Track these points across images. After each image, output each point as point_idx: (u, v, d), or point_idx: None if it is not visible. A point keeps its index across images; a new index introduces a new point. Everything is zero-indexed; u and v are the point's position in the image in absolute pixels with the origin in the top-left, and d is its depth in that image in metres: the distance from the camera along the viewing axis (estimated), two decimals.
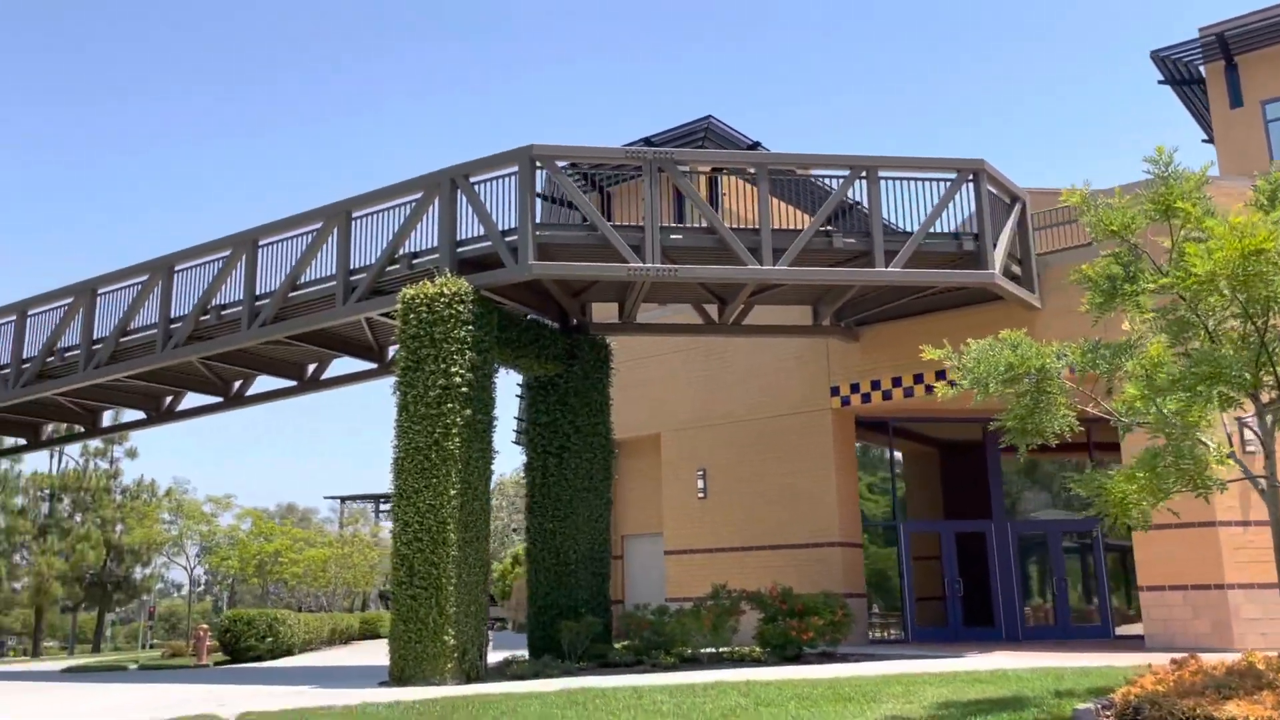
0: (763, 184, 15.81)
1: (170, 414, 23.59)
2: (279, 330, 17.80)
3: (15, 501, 41.89)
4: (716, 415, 21.22)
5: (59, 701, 13.87)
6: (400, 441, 14.76)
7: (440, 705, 10.19)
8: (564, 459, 17.35)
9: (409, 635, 14.01)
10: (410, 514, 14.35)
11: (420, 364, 14.85)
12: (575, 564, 17.00)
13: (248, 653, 21.25)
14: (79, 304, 20.21)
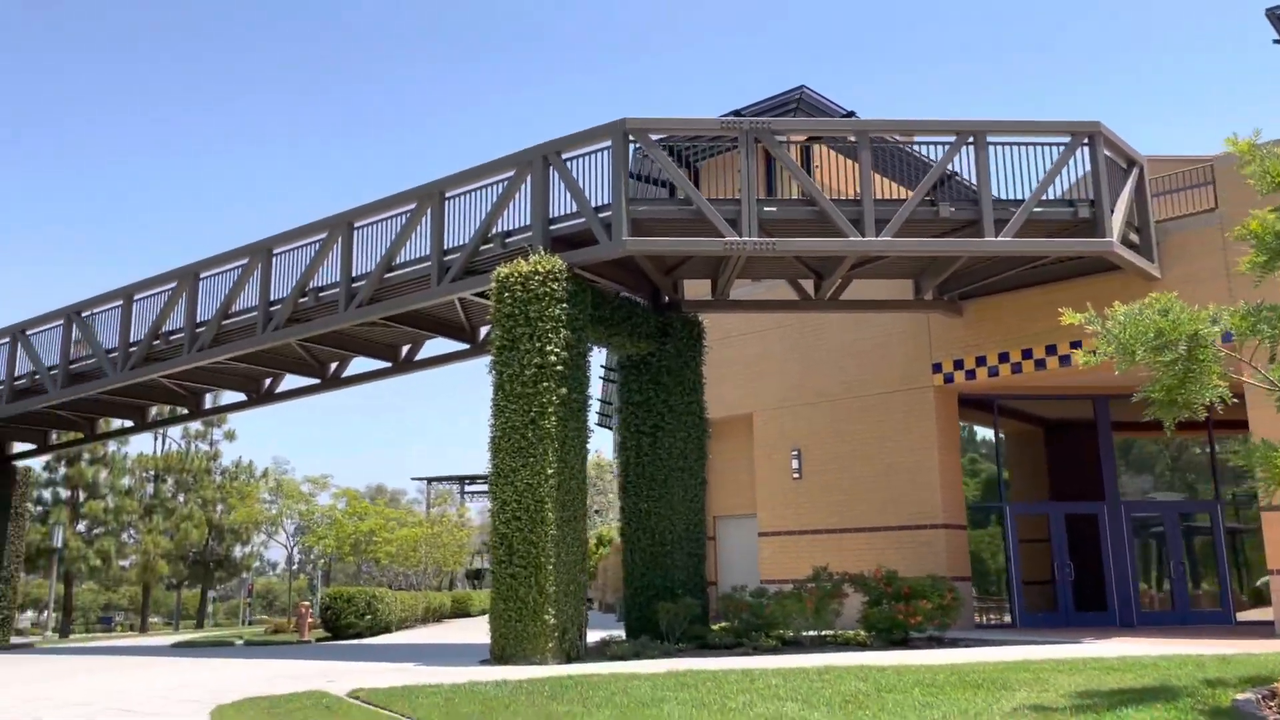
0: (864, 152, 15.25)
1: (269, 396, 24.04)
2: (374, 312, 17.91)
3: (123, 482, 43.50)
4: (811, 394, 20.73)
5: (177, 674, 14.18)
6: (496, 421, 14.69)
7: (547, 685, 10.05)
8: (657, 438, 17.12)
9: (509, 614, 13.96)
10: (508, 493, 14.28)
11: (515, 343, 14.74)
12: (671, 545, 16.77)
13: (348, 629, 21.59)
14: (182, 288, 20.65)
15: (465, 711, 8.61)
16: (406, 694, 9.86)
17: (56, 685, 13.04)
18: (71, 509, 40.95)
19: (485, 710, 8.61)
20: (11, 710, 10.17)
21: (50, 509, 40.32)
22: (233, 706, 9.61)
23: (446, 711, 8.65)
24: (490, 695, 9.53)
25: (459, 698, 9.43)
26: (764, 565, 20.69)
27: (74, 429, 28.32)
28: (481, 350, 20.58)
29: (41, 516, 39.11)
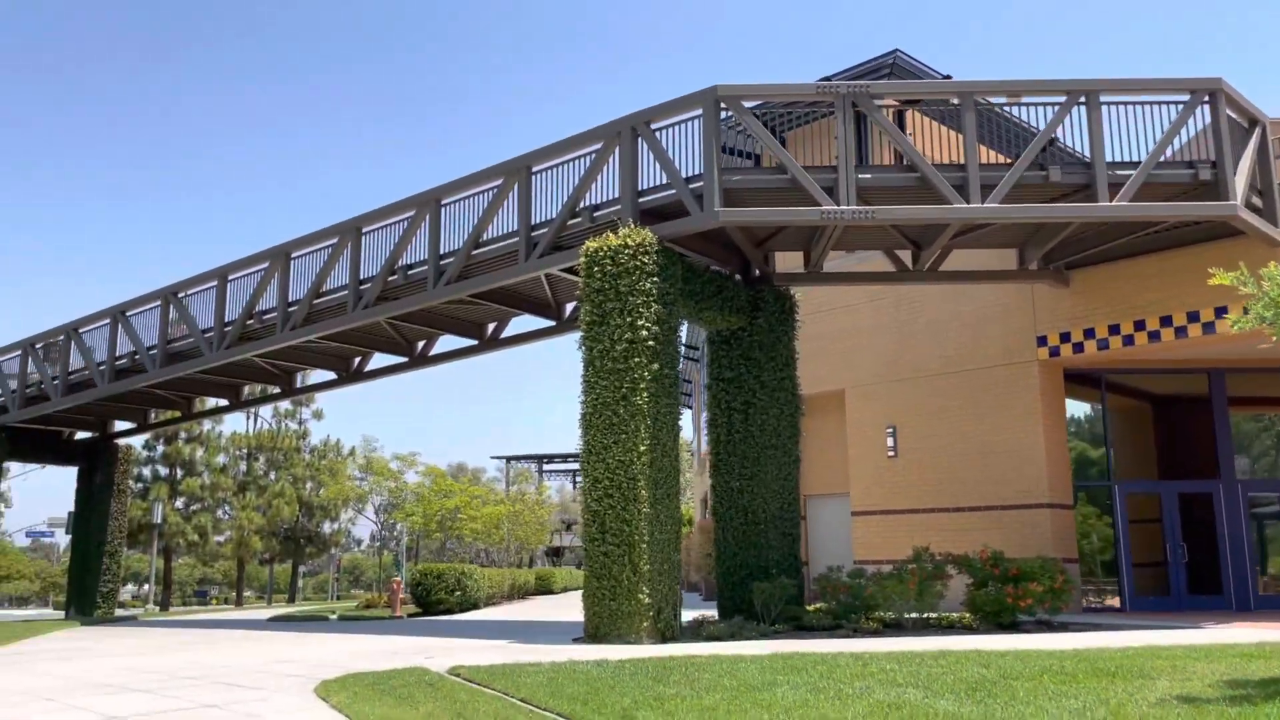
0: (968, 114, 14.58)
1: (359, 374, 24.27)
2: (462, 289, 17.83)
3: (218, 460, 44.72)
4: (907, 370, 20.10)
5: (277, 648, 14.36)
6: (587, 397, 14.47)
7: (650, 666, 9.81)
8: (749, 415, 16.73)
9: (603, 592, 13.78)
10: (600, 470, 14.07)
11: (605, 318, 14.48)
12: (764, 524, 16.40)
13: (437, 605, 21.75)
14: (274, 268, 20.89)
15: (570, 692, 8.41)
16: (508, 672, 9.73)
17: (162, 658, 13.29)
18: (170, 486, 42.26)
19: (591, 691, 8.40)
20: (122, 682, 10.33)
21: (150, 486, 41.66)
22: (337, 682, 9.58)
23: (551, 691, 8.46)
24: (593, 675, 9.33)
25: (561, 677, 9.24)
26: (857, 545, 20.20)
27: (172, 408, 29.08)
28: (567, 327, 20.44)
29: (142, 493, 40.43)
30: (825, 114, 16.72)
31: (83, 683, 10.44)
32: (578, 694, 8.29)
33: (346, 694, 8.74)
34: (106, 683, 10.37)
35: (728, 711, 7.35)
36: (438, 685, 9.07)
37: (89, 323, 25.38)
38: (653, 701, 7.85)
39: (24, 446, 29.77)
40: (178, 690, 9.60)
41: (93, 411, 28.73)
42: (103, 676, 11.00)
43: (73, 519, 32.61)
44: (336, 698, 8.62)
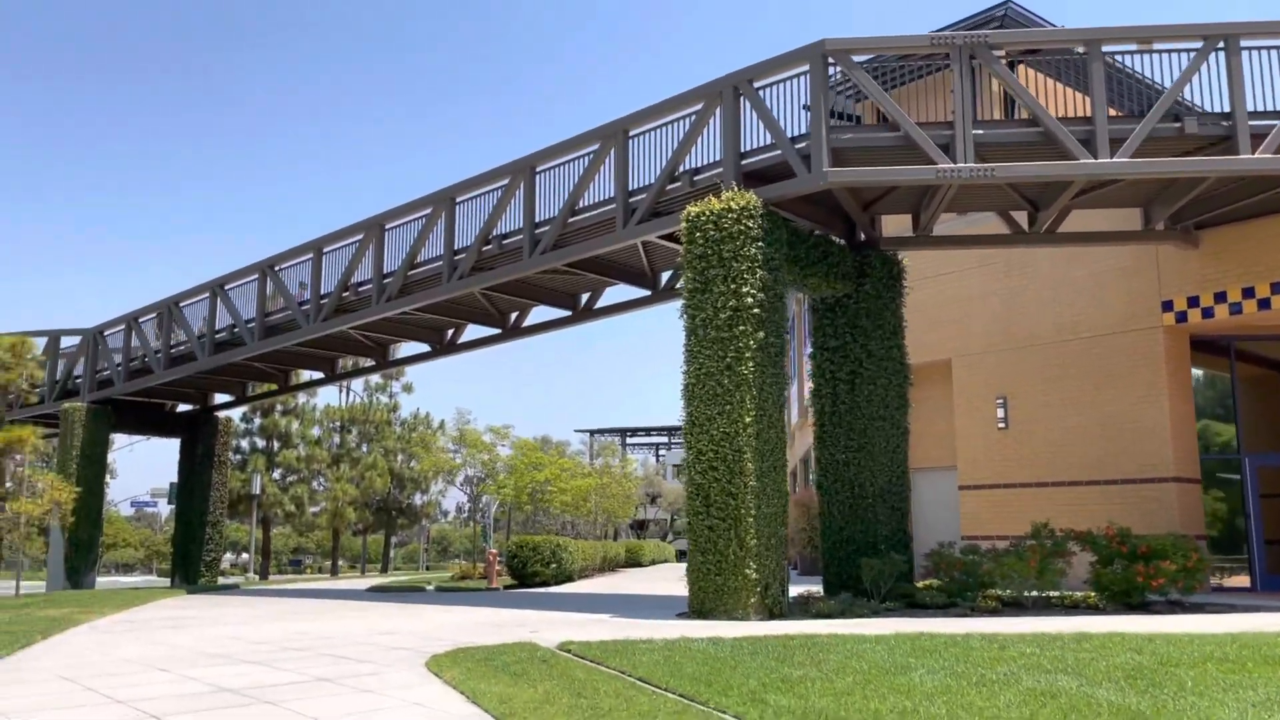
0: (1094, 64, 13.63)
1: (452, 346, 24.25)
2: (558, 258, 17.53)
3: (313, 432, 45.63)
4: (1019, 338, 19.18)
5: (381, 619, 14.35)
6: (690, 367, 14.05)
7: (770, 645, 9.39)
8: (855, 385, 16.12)
9: (707, 567, 13.40)
10: (704, 442, 13.66)
11: (708, 285, 14.01)
12: (872, 498, 15.82)
13: (533, 578, 21.68)
14: (369, 239, 20.89)
15: (690, 671, 8.04)
16: (620, 649, 9.41)
17: (269, 628, 13.36)
18: (267, 458, 43.26)
19: (712, 671, 8.01)
20: (233, 652, 10.32)
21: (248, 458, 42.70)
22: (447, 657, 9.38)
23: (669, 670, 8.10)
24: (711, 654, 8.94)
25: (678, 656, 8.88)
26: (965, 521, 19.44)
27: (269, 380, 29.58)
28: (663, 296, 20.04)
29: (240, 465, 41.46)
30: (932, 71, 15.93)
31: (195, 652, 10.46)
32: (699, 674, 7.92)
33: (459, 670, 8.51)
34: (218, 653, 10.37)
35: (864, 696, 6.88)
36: (550, 662, 8.79)
37: (189, 297, 25.85)
38: (780, 684, 7.43)
39: (129, 419, 30.65)
40: (288, 662, 9.53)
41: (194, 384, 29.39)
42: (214, 646, 11.03)
43: (176, 489, 33.58)
44: (449, 673, 8.40)
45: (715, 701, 6.98)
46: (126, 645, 11.21)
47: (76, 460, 27.91)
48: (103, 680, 8.46)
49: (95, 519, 28.84)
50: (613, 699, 7.07)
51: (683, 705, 6.90)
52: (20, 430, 21.58)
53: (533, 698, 7.16)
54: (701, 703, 7.03)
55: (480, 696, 7.34)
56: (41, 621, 13.47)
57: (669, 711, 6.67)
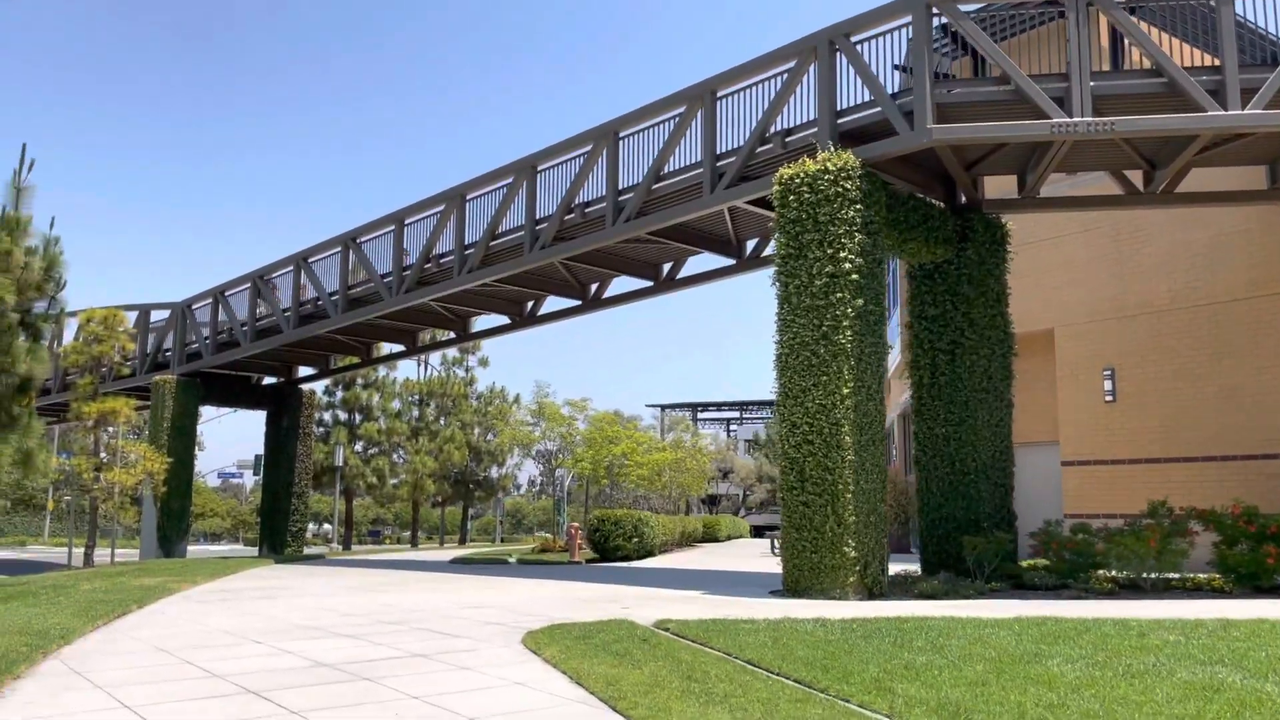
0: (1225, 7, 12.62)
1: (532, 318, 24.00)
2: (642, 225, 17.06)
3: (392, 405, 46.06)
4: (1129, 305, 18.15)
5: (469, 592, 14.19)
6: (783, 337, 13.49)
7: (883, 628, 8.87)
8: (956, 356, 15.38)
9: (803, 545, 12.90)
10: (798, 415, 13.12)
11: (803, 250, 13.42)
12: (974, 473, 15.12)
13: (615, 552, 21.42)
14: (450, 210, 20.67)
15: (802, 655, 7.58)
16: (723, 629, 8.98)
17: (358, 599, 13.25)
18: (349, 430, 43.80)
19: (826, 656, 7.54)
20: (325, 625, 10.17)
21: (330, 430, 43.27)
22: (544, 633, 9.06)
23: (780, 654, 7.64)
24: (820, 637, 8.46)
25: (785, 638, 8.42)
26: (1068, 498, 18.56)
27: (351, 353, 29.75)
28: (748, 265, 19.47)
29: (323, 437, 42.02)
30: (1040, 23, 15.03)
31: (288, 624, 10.33)
32: (812, 658, 7.45)
33: (558, 648, 8.17)
34: (311, 625, 10.23)
35: (1001, 688, 6.34)
36: (651, 641, 8.40)
37: (274, 270, 26.02)
38: (904, 671, 6.93)
39: (217, 391, 31.15)
40: (382, 636, 9.31)
41: (278, 357, 29.70)
42: (306, 618, 10.91)
43: (262, 461, 34.15)
44: (548, 651, 8.07)
45: (836, 689, 6.51)
46: (220, 616, 11.16)
47: (167, 432, 28.45)
48: (198, 653, 8.33)
49: (185, 489, 29.42)
50: (726, 684, 6.65)
51: (803, 693, 6.45)
52: (114, 401, 21.99)
53: (640, 680, 6.77)
54: (821, 690, 6.57)
55: (585, 677, 6.99)
56: (136, 591, 13.57)
57: (790, 699, 6.22)
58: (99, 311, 22.45)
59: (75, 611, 10.72)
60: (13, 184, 17.25)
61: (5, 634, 8.83)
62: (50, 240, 17.74)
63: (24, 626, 9.36)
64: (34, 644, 8.28)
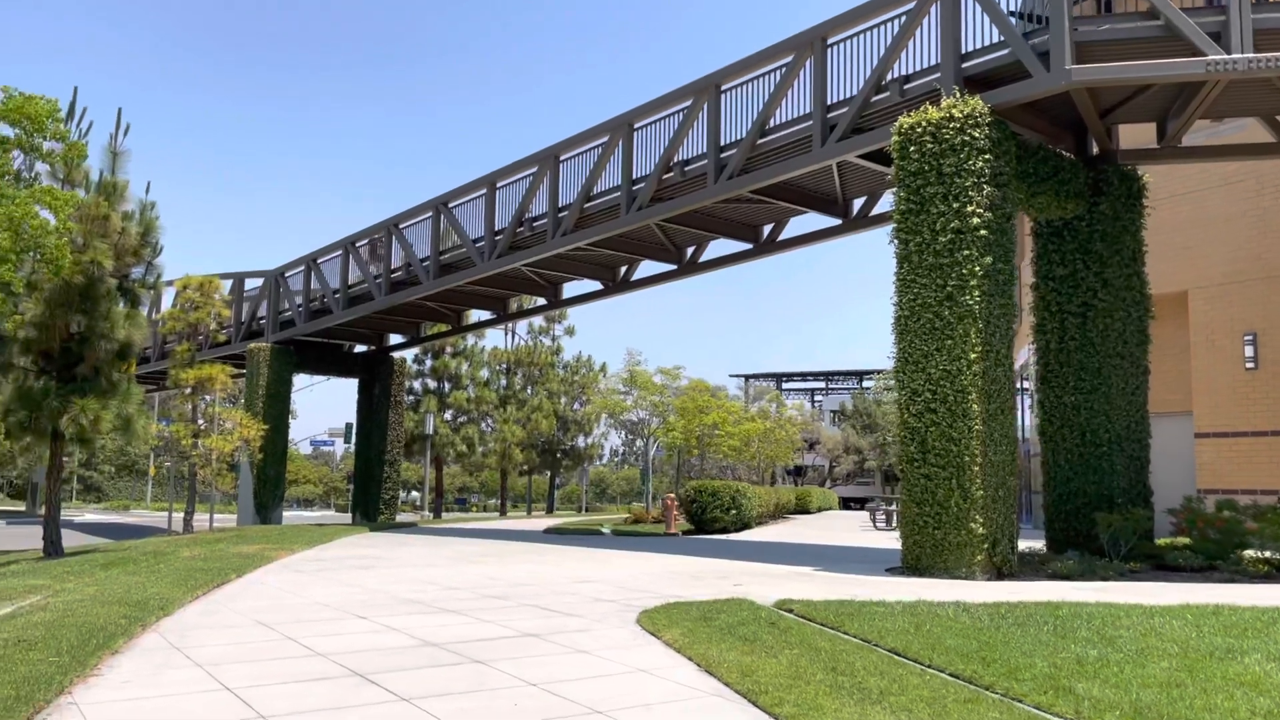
0: None
1: (625, 283, 23.37)
2: (744, 184, 16.22)
3: (481, 374, 46.11)
4: (1274, 265, 16.68)
5: (570, 565, 13.72)
6: (902, 298, 12.58)
7: (1035, 614, 8.03)
8: (1087, 319, 14.25)
9: (924, 520, 12.05)
10: (919, 381, 12.22)
11: (925, 205, 12.46)
12: (1107, 445, 14.02)
13: (712, 524, 20.79)
14: (543, 172, 20.08)
15: (953, 645, 6.82)
16: (854, 612, 8.24)
17: (458, 570, 12.86)
18: (438, 399, 43.96)
19: (983, 647, 6.76)
20: (428, 599, 9.73)
21: (420, 399, 43.49)
22: (660, 613, 8.45)
23: (927, 643, 6.89)
24: (965, 623, 7.67)
25: (929, 624, 7.64)
26: (1202, 472, 17.26)
27: (441, 320, 29.57)
28: (854, 226, 18.48)
29: (413, 405, 42.23)
30: None
31: (389, 597, 9.93)
32: (965, 649, 6.68)
33: (678, 630, 7.54)
34: (413, 598, 9.80)
35: (1202, 691, 5.51)
36: (780, 625, 7.71)
37: (365, 236, 25.86)
38: (1077, 668, 6.13)
39: (310, 358, 31.35)
40: (489, 612, 8.82)
41: (370, 325, 29.70)
42: (407, 590, 10.51)
43: (354, 429, 34.39)
44: (669, 634, 7.45)
45: (1004, 686, 5.75)
46: (319, 586, 10.84)
47: (262, 399, 28.71)
48: (300, 628, 7.93)
49: (280, 456, 29.71)
50: (877, 678, 5.93)
51: (969, 691, 5.69)
52: (211, 368, 22.12)
53: (778, 671, 6.10)
54: (984, 686, 5.81)
55: (715, 666, 6.35)
56: (235, 559, 13.41)
57: (957, 699, 5.48)
58: (195, 278, 22.59)
59: (175, 580, 10.50)
60: (109, 148, 17.29)
61: (105, 604, 8.57)
62: (146, 205, 17.78)
63: (123, 596, 9.12)
64: (133, 616, 7.98)
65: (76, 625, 7.44)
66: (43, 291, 15.54)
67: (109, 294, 16.14)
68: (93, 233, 15.92)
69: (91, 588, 9.99)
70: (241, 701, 5.51)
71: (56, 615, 7.95)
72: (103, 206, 16.21)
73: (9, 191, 11.74)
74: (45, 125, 12.11)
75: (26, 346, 15.84)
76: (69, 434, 15.67)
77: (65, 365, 16.14)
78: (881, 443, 72.21)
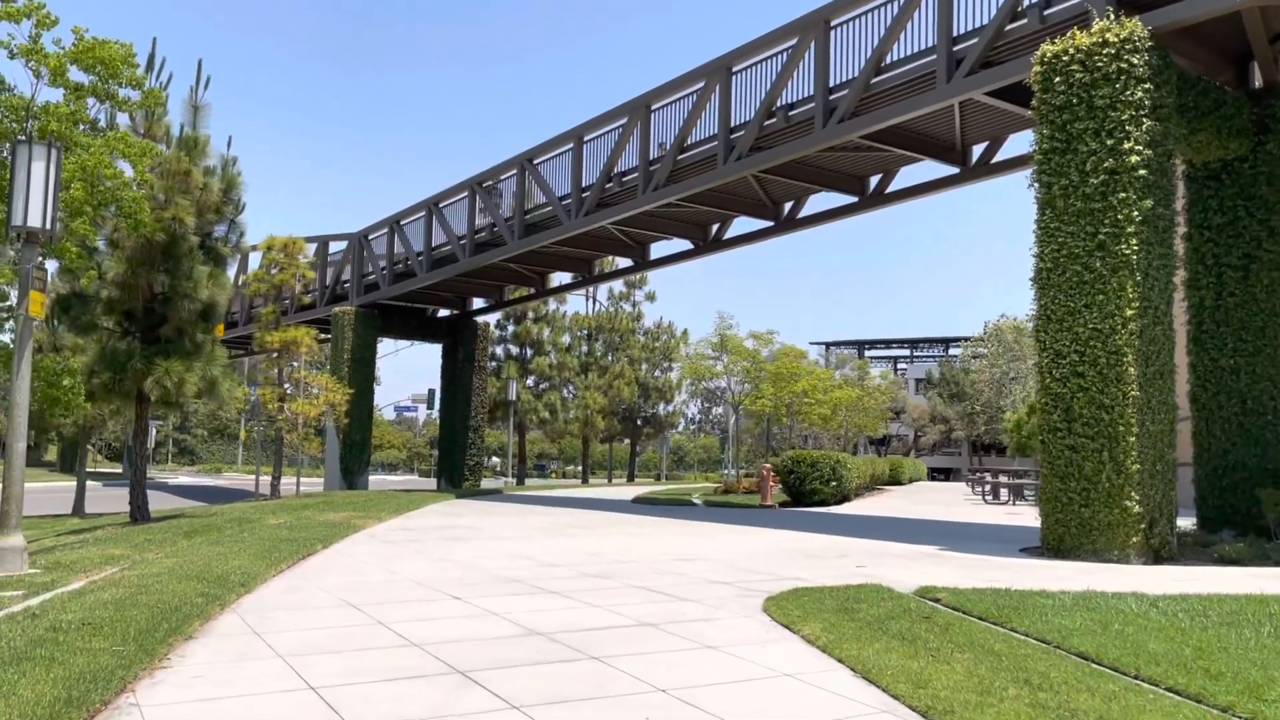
0: None
1: (717, 242, 22.22)
2: (856, 128, 14.91)
3: (563, 339, 45.45)
4: None
5: (669, 540, 12.81)
6: (1044, 248, 11.25)
7: (1237, 610, 6.82)
8: (1250, 272, 12.72)
9: (1069, 496, 10.80)
10: (1064, 341, 10.92)
11: (1072, 142, 11.08)
12: (1271, 414, 12.55)
13: (811, 496, 19.67)
14: (633, 123, 18.99)
15: (1158, 650, 5.68)
16: (1018, 605, 7.10)
17: (552, 543, 12.02)
18: (520, 365, 43.44)
19: (1196, 653, 5.62)
20: (526, 577, 8.87)
21: (503, 365, 43.02)
22: (790, 600, 7.44)
23: (1125, 647, 5.76)
24: (1162, 623, 6.49)
25: (1115, 621, 6.49)
26: None
27: (525, 283, 28.82)
28: (974, 174, 17.02)
29: (495, 371, 41.78)
30: None
31: (484, 574, 9.10)
32: (1177, 656, 5.54)
33: (818, 624, 6.52)
34: (510, 576, 8.95)
35: None
36: (935, 619, 6.63)
37: (449, 196, 25.14)
38: None
39: (394, 322, 30.95)
40: (594, 594, 7.90)
41: (453, 288, 29.10)
42: (503, 566, 9.67)
43: (437, 394, 34.02)
44: (807, 627, 6.43)
45: (1248, 709, 4.62)
46: (409, 560, 10.08)
47: (348, 363, 28.39)
48: (391, 610, 7.11)
49: (366, 421, 29.43)
50: (1086, 695, 4.83)
51: (1214, 716, 4.55)
52: (296, 331, 21.70)
53: (958, 683, 5.03)
54: (1222, 708, 4.69)
55: (877, 673, 5.30)
56: (321, 528, 12.79)
57: None
58: (279, 239, 22.14)
59: (258, 552, 9.84)
60: (189, 101, 16.68)
61: (182, 579, 7.89)
62: (228, 160, 17.17)
63: (203, 570, 8.44)
64: (211, 593, 7.26)
65: (149, 604, 6.74)
66: (124, 250, 15.07)
67: (191, 253, 15.61)
68: (174, 189, 15.37)
69: (171, 559, 9.38)
70: (328, 706, 4.67)
71: (129, 592, 7.27)
72: (183, 162, 15.64)
73: (83, 139, 11.13)
74: (120, 71, 11.45)
75: (109, 306, 15.42)
76: (153, 396, 15.23)
77: (149, 326, 15.70)
78: (969, 412, 70.01)
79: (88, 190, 11.15)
